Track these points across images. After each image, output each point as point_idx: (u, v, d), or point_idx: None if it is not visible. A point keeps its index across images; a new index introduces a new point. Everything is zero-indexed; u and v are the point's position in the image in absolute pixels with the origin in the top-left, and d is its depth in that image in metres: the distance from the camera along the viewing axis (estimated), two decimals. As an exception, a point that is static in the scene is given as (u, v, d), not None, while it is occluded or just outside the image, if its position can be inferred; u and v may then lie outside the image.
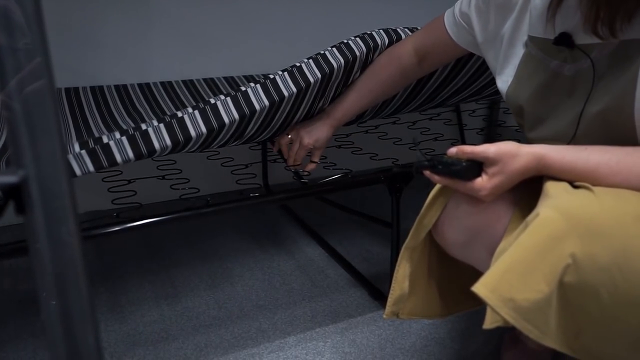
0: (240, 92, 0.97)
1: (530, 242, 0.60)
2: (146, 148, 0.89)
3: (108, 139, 0.88)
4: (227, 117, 0.94)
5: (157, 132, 0.90)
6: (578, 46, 0.75)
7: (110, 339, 1.10)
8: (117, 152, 0.87)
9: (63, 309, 0.39)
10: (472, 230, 0.78)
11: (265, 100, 0.97)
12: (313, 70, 1.02)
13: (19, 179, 0.36)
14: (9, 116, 0.36)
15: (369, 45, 1.07)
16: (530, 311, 0.59)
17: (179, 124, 0.91)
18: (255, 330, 1.13)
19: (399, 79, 1.08)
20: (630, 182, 0.65)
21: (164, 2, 1.53)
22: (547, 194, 0.66)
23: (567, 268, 0.58)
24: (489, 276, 0.60)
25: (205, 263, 1.39)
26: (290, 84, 1.00)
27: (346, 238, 1.52)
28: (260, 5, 1.64)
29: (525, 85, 0.84)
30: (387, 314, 0.86)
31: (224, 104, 0.95)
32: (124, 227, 0.97)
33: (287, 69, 1.02)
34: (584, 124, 0.75)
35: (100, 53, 1.50)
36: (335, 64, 1.03)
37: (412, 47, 1.05)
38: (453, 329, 1.12)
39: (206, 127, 0.93)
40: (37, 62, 0.35)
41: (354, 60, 1.06)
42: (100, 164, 0.86)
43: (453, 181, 0.76)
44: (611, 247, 0.57)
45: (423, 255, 0.87)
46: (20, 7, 0.34)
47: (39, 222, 0.36)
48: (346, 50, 1.05)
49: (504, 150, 0.71)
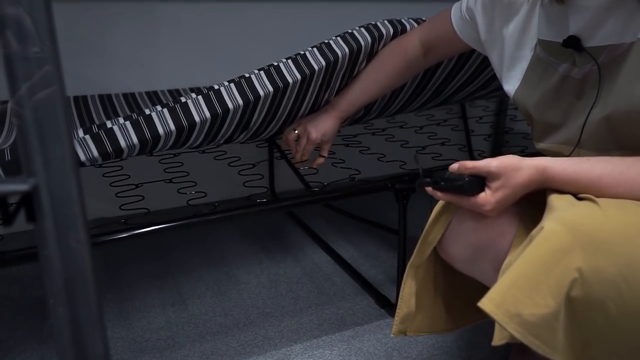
0: (244, 78, 0.95)
1: (536, 256, 0.60)
2: (150, 133, 0.88)
3: (112, 124, 0.86)
4: (230, 103, 0.93)
5: (161, 117, 0.88)
6: (586, 49, 0.74)
7: (117, 345, 1.10)
8: (121, 137, 0.86)
9: (71, 315, 0.39)
10: (477, 246, 0.77)
11: (270, 86, 0.96)
12: (317, 58, 1.01)
13: (30, 187, 0.36)
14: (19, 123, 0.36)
15: (374, 36, 1.06)
16: (537, 326, 0.58)
17: (182, 108, 0.90)
18: (262, 338, 1.12)
19: (405, 70, 1.07)
20: (634, 192, 0.65)
21: (172, 11, 1.54)
22: (552, 206, 0.66)
23: (574, 282, 0.58)
24: (494, 291, 0.60)
25: (211, 270, 1.40)
26: (295, 71, 0.99)
27: (353, 245, 1.52)
28: (266, 13, 1.65)
29: (533, 89, 0.83)
30: (395, 332, 0.86)
31: (228, 90, 0.94)
32: (132, 233, 0.98)
33: (291, 57, 1.00)
34: (589, 128, 0.75)
35: (108, 61, 1.52)
36: (340, 52, 1.02)
37: (418, 39, 1.05)
38: (460, 338, 1.11)
39: (210, 112, 0.92)
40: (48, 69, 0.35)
41: (359, 50, 1.05)
42: (104, 149, 0.85)
43: (456, 197, 0.75)
44: (616, 259, 0.57)
45: (428, 272, 0.87)
46: (32, 16, 0.34)
47: (48, 230, 0.37)
48: (351, 39, 1.04)
49: (507, 164, 0.71)
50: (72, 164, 0.37)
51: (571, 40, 0.76)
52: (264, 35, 1.67)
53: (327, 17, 1.73)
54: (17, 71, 0.35)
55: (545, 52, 0.81)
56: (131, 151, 0.89)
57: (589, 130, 0.75)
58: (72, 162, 0.37)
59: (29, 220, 0.36)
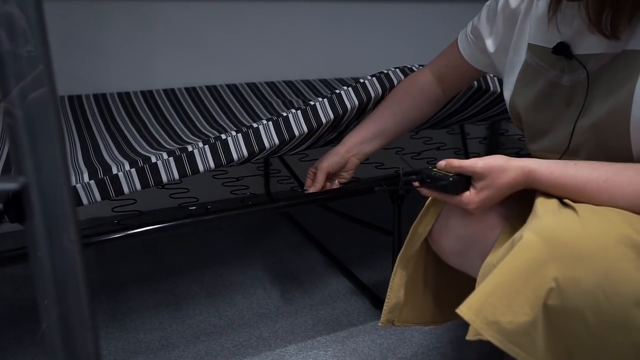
0: (252, 128, 0.97)
1: (513, 265, 0.60)
2: (154, 180, 0.91)
3: (117, 170, 0.89)
4: (236, 154, 0.95)
5: (166, 166, 0.91)
6: (576, 56, 0.75)
7: (111, 347, 1.09)
8: (125, 184, 0.89)
9: (63, 316, 0.39)
10: (467, 239, 0.78)
11: (276, 139, 0.99)
12: (327, 111, 1.04)
13: (20, 185, 0.35)
14: (11, 123, 0.36)
15: (385, 86, 1.10)
16: (515, 334, 0.59)
17: (188, 158, 0.92)
18: (256, 339, 1.12)
19: (421, 102, 1.07)
20: (616, 201, 0.65)
21: (167, 10, 1.54)
22: (535, 213, 0.67)
23: (551, 291, 0.58)
24: (472, 299, 0.60)
25: (205, 271, 1.39)
26: (302, 123, 1.02)
27: (347, 246, 1.52)
28: (263, 13, 1.65)
29: (523, 94, 0.84)
30: (383, 321, 0.87)
31: (235, 140, 0.95)
32: (125, 234, 0.97)
33: (301, 108, 1.03)
34: (577, 136, 0.75)
35: (103, 60, 1.51)
36: (349, 105, 1.06)
37: (429, 70, 1.06)
38: (455, 339, 1.11)
39: (215, 162, 0.94)
40: (40, 69, 0.35)
41: (369, 101, 1.09)
42: (107, 194, 0.88)
43: (441, 194, 0.76)
44: (594, 270, 0.57)
45: (419, 264, 0.87)
46: (24, 14, 0.34)
47: (39, 230, 0.36)
48: (362, 91, 1.08)
49: (492, 165, 0.71)
50: (63, 164, 0.37)
51: (561, 47, 0.76)
52: (260, 35, 1.67)
53: (324, 17, 1.73)
54: (8, 70, 0.35)
55: (535, 57, 0.81)
56: (132, 192, 0.92)
57: (577, 139, 0.76)
58: (63, 162, 0.37)
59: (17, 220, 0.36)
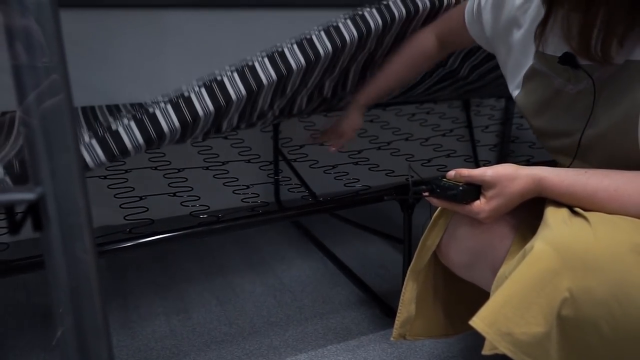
0: (247, 66, 0.94)
1: (526, 276, 0.60)
2: (155, 132, 0.87)
3: (116, 126, 0.86)
4: (234, 94, 0.92)
5: (165, 114, 0.88)
6: (582, 66, 0.74)
7: (122, 354, 1.10)
8: (127, 138, 0.86)
9: (77, 324, 0.39)
10: (475, 251, 0.77)
11: (274, 74, 0.95)
12: (324, 43, 1.00)
13: (37, 195, 0.36)
14: (26, 132, 0.36)
15: (385, 19, 1.04)
16: (528, 345, 0.58)
17: (185, 102, 0.89)
18: (267, 347, 1.12)
19: (423, 63, 1.11)
20: (627, 209, 0.65)
21: (179, 20, 1.55)
22: (546, 223, 0.66)
23: (564, 302, 0.58)
24: (486, 310, 0.60)
25: (216, 279, 1.39)
26: (300, 57, 0.98)
27: (358, 254, 1.51)
28: (272, 22, 1.66)
29: (529, 99, 0.84)
30: (395, 336, 0.87)
31: (231, 80, 0.92)
32: (137, 242, 0.98)
33: (297, 41, 0.99)
34: (585, 145, 0.75)
35: (115, 71, 1.53)
36: (348, 37, 1.00)
37: (434, 34, 1.08)
38: (466, 348, 1.10)
39: (214, 105, 0.90)
40: (55, 78, 0.36)
41: (369, 34, 1.03)
42: (111, 152, 0.85)
43: (451, 204, 0.76)
44: (607, 280, 0.57)
45: (429, 277, 0.87)
46: (41, 27, 0.35)
47: (55, 239, 0.37)
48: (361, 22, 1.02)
49: (502, 173, 0.71)
50: (78, 173, 0.37)
51: (567, 57, 0.76)
52: (271, 44, 1.68)
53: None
54: (25, 80, 0.35)
55: (543, 64, 0.81)
56: (137, 150, 0.89)
57: (584, 147, 0.75)
58: (78, 171, 0.37)
59: (35, 229, 0.37)
